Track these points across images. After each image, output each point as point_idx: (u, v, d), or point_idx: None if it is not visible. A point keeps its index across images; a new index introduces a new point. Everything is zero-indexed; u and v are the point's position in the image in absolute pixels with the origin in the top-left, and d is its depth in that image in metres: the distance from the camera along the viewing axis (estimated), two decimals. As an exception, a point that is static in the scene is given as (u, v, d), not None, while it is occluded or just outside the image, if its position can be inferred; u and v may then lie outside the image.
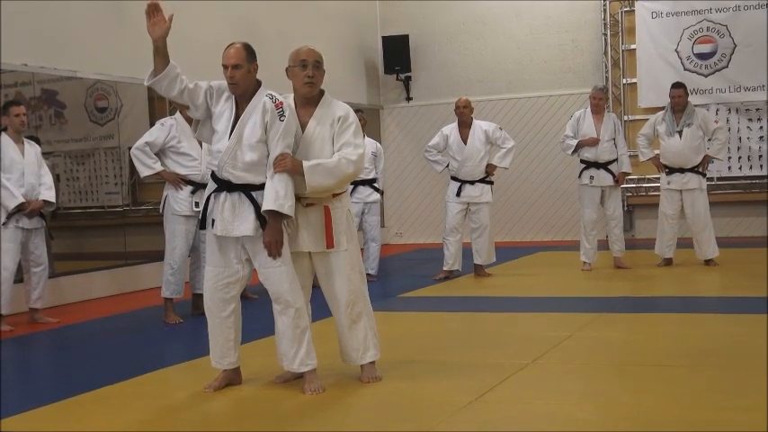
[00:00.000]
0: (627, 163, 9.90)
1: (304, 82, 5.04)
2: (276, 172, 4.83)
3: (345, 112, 5.11)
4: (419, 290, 9.13)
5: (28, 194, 7.75)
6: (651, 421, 4.23)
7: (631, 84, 13.40)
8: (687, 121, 9.65)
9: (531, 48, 13.93)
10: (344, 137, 5.05)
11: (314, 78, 5.05)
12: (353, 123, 5.11)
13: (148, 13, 4.80)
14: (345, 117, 5.09)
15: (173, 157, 7.73)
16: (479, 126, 9.71)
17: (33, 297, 7.98)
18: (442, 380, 5.17)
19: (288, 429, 4.45)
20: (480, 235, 9.78)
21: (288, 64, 5.10)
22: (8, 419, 4.73)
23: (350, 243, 5.16)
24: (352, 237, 5.22)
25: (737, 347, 5.78)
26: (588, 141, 9.77)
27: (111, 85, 10.05)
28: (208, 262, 5.12)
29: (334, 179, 4.98)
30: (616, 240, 9.94)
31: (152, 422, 4.66)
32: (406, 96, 14.68)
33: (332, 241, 5.07)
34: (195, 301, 8.01)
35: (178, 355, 6.47)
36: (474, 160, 9.66)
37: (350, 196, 9.46)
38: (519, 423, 4.35)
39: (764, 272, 8.84)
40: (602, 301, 7.90)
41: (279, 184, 4.82)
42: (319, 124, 5.07)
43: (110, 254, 10.27)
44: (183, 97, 4.99)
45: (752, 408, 4.33)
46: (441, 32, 14.37)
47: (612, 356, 5.75)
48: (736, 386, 4.81)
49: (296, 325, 4.97)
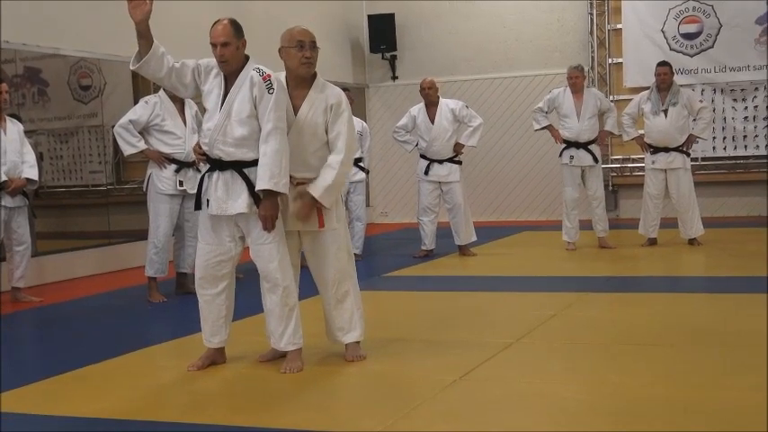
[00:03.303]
0: (611, 123, 9.91)
1: (301, 62, 5.01)
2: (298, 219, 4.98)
3: (338, 99, 5.09)
4: (404, 269, 9.13)
5: (10, 172, 7.69)
6: (636, 399, 4.24)
7: (617, 63, 13.38)
8: (672, 100, 9.64)
9: (518, 27, 13.89)
10: (337, 126, 5.04)
11: (311, 59, 5.03)
12: (345, 111, 5.10)
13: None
14: (338, 104, 5.08)
15: (156, 135, 7.67)
16: (446, 105, 9.74)
17: (16, 276, 7.93)
18: (426, 358, 5.18)
19: (273, 407, 4.44)
20: (456, 215, 9.82)
21: (281, 44, 5.07)
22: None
23: (339, 222, 5.17)
24: (341, 216, 5.22)
25: (722, 327, 5.82)
26: (556, 137, 9.86)
27: (94, 63, 9.97)
28: (200, 239, 5.11)
29: (345, 180, 5.28)
30: (599, 220, 9.94)
31: (137, 401, 4.64)
32: (391, 75, 14.63)
33: (322, 221, 5.07)
34: (179, 280, 7.99)
35: (162, 334, 6.45)
36: (442, 139, 9.70)
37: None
38: (504, 401, 4.35)
39: (749, 251, 8.87)
40: (587, 281, 7.92)
41: (273, 162, 4.79)
42: (312, 109, 5.04)
43: (93, 233, 10.22)
44: (171, 78, 4.96)
45: (736, 387, 4.36)
46: (427, 11, 14.31)
47: (597, 336, 5.76)
48: (721, 365, 4.84)
49: (284, 303, 4.97)
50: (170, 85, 5.05)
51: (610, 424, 3.93)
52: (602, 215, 9.95)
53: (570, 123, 9.78)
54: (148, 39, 4.83)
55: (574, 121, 9.76)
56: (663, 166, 9.78)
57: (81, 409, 4.50)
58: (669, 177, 9.79)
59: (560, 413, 4.11)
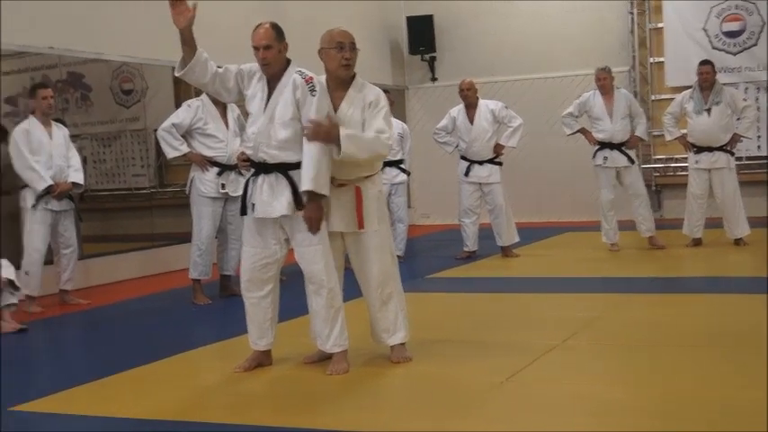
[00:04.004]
0: (642, 130, 9.82)
1: (341, 64, 5.04)
2: (311, 141, 4.81)
3: (377, 97, 5.11)
4: (446, 270, 9.12)
5: (56, 177, 7.78)
6: (681, 402, 4.21)
7: (658, 63, 13.27)
8: (715, 99, 9.54)
9: (557, 27, 13.80)
10: (376, 122, 5.04)
11: (351, 60, 5.05)
12: (384, 108, 5.12)
13: (172, 2, 4.79)
14: (377, 102, 5.10)
15: (199, 138, 7.73)
16: (486, 106, 9.74)
17: (63, 278, 8.03)
18: (472, 360, 5.16)
19: (319, 408, 4.45)
20: (497, 216, 9.80)
21: (320, 45, 5.09)
22: (39, 400, 4.78)
23: (381, 224, 5.17)
24: (384, 218, 5.23)
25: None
26: (590, 139, 9.78)
27: (136, 68, 10.07)
28: (245, 242, 5.13)
29: (366, 153, 4.98)
30: (644, 220, 9.82)
31: (183, 402, 4.69)
32: (431, 77, 14.61)
33: (362, 222, 5.07)
34: (223, 282, 8.04)
35: (207, 336, 6.49)
36: (482, 140, 9.69)
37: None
38: (551, 403, 4.33)
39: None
40: (631, 282, 7.86)
41: (314, 163, 4.80)
42: (351, 107, 5.06)
43: (137, 236, 10.32)
44: (215, 83, 5.01)
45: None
46: (466, 12, 14.26)
47: (643, 337, 5.71)
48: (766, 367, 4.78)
49: (329, 305, 4.98)
50: (213, 90, 5.09)
51: (656, 425, 3.91)
52: (647, 214, 9.83)
53: (603, 125, 9.70)
54: (192, 45, 4.87)
55: (606, 122, 9.68)
56: (707, 166, 9.68)
57: (128, 410, 4.55)
58: (713, 177, 9.69)
59: (606, 415, 4.09)
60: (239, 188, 7.68)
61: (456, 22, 14.33)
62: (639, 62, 13.35)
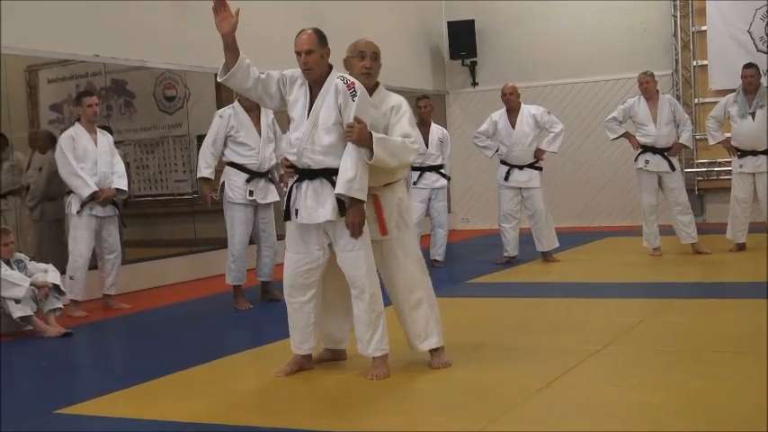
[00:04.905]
0: (686, 137, 9.72)
1: (361, 72, 5.10)
2: (348, 142, 4.87)
3: (398, 102, 5.17)
4: (486, 275, 9.10)
5: (101, 183, 7.88)
6: (724, 407, 4.18)
7: (701, 66, 13.14)
8: (760, 102, 9.45)
9: (599, 30, 13.73)
10: (400, 127, 5.08)
11: (371, 69, 5.13)
12: (407, 112, 5.16)
13: (215, 9, 4.84)
14: (399, 106, 5.15)
15: (230, 146, 7.75)
16: (528, 110, 9.73)
17: (107, 283, 8.13)
18: (511, 365, 5.16)
19: (359, 412, 4.47)
20: (537, 221, 9.78)
21: (346, 54, 5.17)
22: (84, 403, 4.84)
23: (401, 231, 5.17)
24: (405, 225, 5.22)
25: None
26: (633, 143, 9.73)
27: (179, 75, 10.17)
28: (288, 248, 5.15)
29: (394, 159, 5.01)
30: (684, 227, 9.69)
31: (225, 405, 4.72)
32: (471, 81, 14.60)
33: (384, 228, 5.10)
34: (264, 287, 8.09)
35: (249, 341, 6.54)
36: (523, 145, 9.68)
37: (414, 183, 9.60)
38: (590, 409, 4.31)
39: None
40: (673, 287, 7.80)
41: (351, 168, 4.84)
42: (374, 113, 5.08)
43: (179, 241, 10.40)
44: (257, 89, 5.04)
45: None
46: (506, 16, 14.23)
47: (685, 343, 5.67)
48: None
49: (371, 310, 5.00)
50: (256, 96, 5.13)
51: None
52: (688, 221, 9.70)
53: (648, 130, 9.63)
54: (235, 51, 4.92)
55: (651, 127, 9.61)
56: (751, 170, 9.59)
57: (170, 413, 4.60)
58: (757, 181, 9.59)
59: (648, 421, 4.06)
60: (268, 196, 7.81)
61: (496, 26, 14.30)
62: (683, 65, 13.23)
